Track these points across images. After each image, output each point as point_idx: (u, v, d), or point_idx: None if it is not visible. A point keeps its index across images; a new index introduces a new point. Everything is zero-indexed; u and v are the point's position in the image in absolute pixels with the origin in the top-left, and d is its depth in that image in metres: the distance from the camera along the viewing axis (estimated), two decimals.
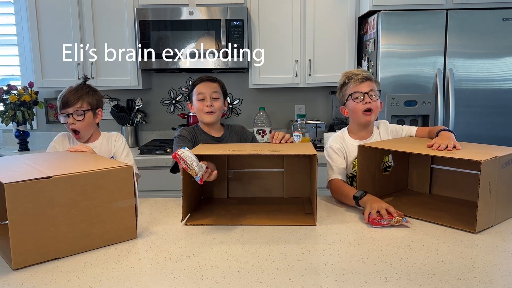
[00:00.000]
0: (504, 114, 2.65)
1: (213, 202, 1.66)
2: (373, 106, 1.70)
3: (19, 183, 1.06)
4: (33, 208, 1.09)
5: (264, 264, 1.08)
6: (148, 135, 3.41)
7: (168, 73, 3.33)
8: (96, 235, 1.21)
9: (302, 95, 3.39)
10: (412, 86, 2.64)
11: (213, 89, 1.80)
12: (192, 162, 1.27)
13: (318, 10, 2.96)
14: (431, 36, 2.60)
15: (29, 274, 1.05)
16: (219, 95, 1.82)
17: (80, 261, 1.12)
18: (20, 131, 3.08)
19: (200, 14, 2.85)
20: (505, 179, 1.37)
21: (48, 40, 2.95)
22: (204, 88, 1.80)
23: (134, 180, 1.27)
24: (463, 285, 0.96)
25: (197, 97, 1.80)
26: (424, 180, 1.73)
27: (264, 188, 1.72)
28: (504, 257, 1.11)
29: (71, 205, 1.15)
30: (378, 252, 1.15)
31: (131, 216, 1.27)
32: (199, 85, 1.81)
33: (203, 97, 1.79)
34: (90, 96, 1.78)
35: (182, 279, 1.01)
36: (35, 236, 1.10)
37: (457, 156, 1.33)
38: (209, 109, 1.79)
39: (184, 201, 1.41)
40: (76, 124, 1.73)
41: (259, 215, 1.47)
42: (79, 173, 1.17)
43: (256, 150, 1.43)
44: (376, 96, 1.73)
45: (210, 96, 1.79)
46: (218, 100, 1.81)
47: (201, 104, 1.79)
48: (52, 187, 1.11)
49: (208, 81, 1.82)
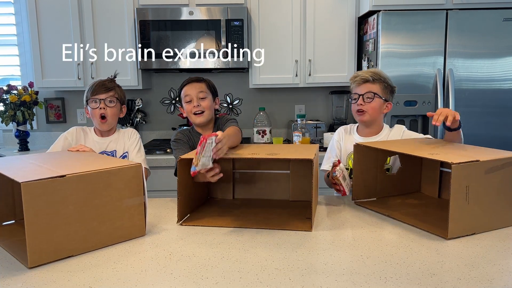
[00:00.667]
0: (504, 114, 2.65)
1: (216, 203, 1.65)
2: (366, 107, 1.77)
3: (35, 182, 1.07)
4: (48, 206, 1.09)
5: (264, 264, 1.08)
6: (148, 135, 3.41)
7: (168, 73, 3.33)
8: (106, 233, 1.22)
9: (302, 95, 3.39)
10: (412, 86, 2.64)
11: (198, 89, 1.81)
12: (206, 155, 1.28)
13: (318, 10, 2.96)
14: (431, 36, 2.60)
15: (29, 274, 1.05)
16: (206, 94, 1.82)
17: (80, 261, 1.12)
18: (20, 131, 3.08)
19: (200, 14, 2.85)
20: (494, 186, 1.27)
21: (48, 40, 2.95)
22: (189, 90, 1.81)
23: (144, 178, 1.29)
24: (463, 285, 0.96)
25: (185, 100, 1.82)
26: (433, 183, 1.69)
27: (270, 190, 1.69)
28: (504, 257, 1.11)
29: (83, 204, 1.16)
30: (378, 252, 1.15)
31: (140, 214, 1.29)
32: (185, 87, 1.83)
33: (190, 99, 1.80)
34: (121, 90, 1.90)
35: (182, 279, 1.01)
36: (50, 235, 1.11)
37: (437, 158, 1.27)
38: (197, 109, 1.79)
39: (180, 202, 1.40)
40: (107, 110, 1.81)
41: (257, 219, 1.44)
42: (91, 171, 1.18)
43: (253, 154, 1.40)
44: (371, 98, 1.77)
45: (196, 97, 1.80)
46: (206, 99, 1.82)
47: (189, 106, 1.81)
48: (66, 185, 1.12)
49: (194, 82, 1.83)
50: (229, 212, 1.53)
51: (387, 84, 1.80)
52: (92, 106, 1.81)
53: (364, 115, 1.78)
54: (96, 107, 1.80)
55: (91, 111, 1.82)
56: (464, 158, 1.24)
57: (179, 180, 1.39)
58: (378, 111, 1.79)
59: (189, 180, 1.48)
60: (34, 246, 1.08)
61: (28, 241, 1.07)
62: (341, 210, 1.55)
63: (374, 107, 1.77)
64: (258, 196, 1.70)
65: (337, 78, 3.02)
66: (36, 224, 1.08)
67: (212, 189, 1.72)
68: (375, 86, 1.78)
